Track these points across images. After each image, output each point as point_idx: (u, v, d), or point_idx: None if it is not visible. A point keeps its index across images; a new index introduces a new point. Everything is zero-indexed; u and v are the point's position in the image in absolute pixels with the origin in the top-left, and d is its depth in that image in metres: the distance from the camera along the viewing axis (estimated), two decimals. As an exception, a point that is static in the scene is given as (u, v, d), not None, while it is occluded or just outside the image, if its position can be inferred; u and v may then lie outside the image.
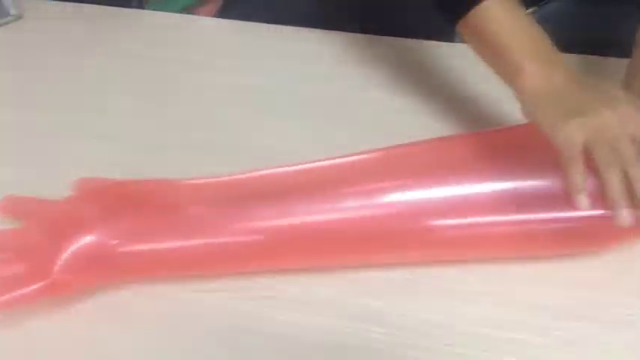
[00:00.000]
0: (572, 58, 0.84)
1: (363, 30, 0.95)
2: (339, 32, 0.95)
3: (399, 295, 0.59)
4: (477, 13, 0.67)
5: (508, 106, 0.70)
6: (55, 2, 1.04)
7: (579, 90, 0.60)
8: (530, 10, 0.93)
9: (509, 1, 0.67)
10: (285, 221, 0.60)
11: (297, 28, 0.95)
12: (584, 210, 0.55)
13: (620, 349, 0.56)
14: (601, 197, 0.55)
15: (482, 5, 0.67)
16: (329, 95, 0.84)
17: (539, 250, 0.62)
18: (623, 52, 0.73)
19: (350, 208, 0.61)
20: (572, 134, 0.56)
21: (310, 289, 0.60)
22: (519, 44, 0.64)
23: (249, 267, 0.61)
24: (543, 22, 0.67)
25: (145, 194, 0.65)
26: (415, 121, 0.78)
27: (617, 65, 0.73)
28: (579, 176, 0.55)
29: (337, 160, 0.65)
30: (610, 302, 0.59)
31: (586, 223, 0.59)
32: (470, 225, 0.60)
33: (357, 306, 0.58)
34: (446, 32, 0.85)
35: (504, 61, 0.65)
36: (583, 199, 0.55)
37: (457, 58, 0.86)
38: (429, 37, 0.93)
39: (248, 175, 0.66)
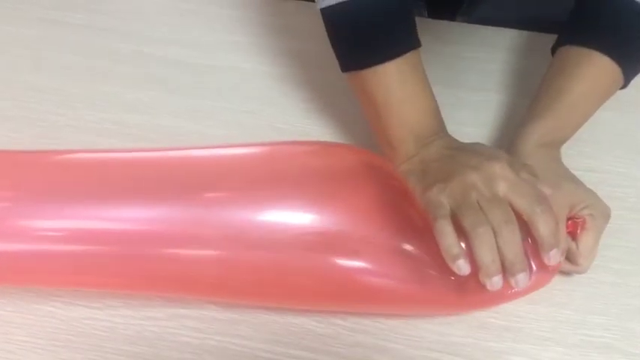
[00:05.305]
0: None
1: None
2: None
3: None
4: (369, 74, 0.62)
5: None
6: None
7: (449, 160, 0.58)
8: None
9: (408, 62, 0.62)
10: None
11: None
12: (465, 274, 0.51)
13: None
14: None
15: (378, 67, 0.61)
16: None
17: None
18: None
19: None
20: (434, 197, 0.54)
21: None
22: (400, 120, 0.61)
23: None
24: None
25: None
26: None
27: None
28: (449, 239, 0.52)
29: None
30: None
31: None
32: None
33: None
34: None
35: (382, 133, 0.63)
36: (462, 265, 0.51)
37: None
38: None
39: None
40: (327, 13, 0.63)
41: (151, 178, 0.59)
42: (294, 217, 0.57)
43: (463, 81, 0.79)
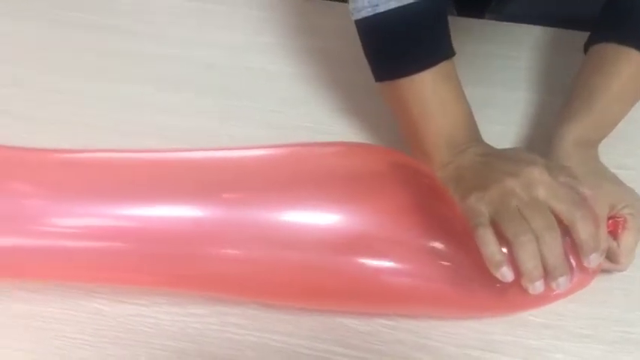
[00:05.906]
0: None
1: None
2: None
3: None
4: (405, 83, 0.63)
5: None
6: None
7: (483, 167, 0.58)
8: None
9: (443, 71, 0.63)
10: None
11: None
12: (508, 281, 0.52)
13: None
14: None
15: (414, 76, 0.62)
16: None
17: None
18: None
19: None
20: (473, 205, 0.54)
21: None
22: (436, 128, 0.62)
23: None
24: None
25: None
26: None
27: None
28: (491, 247, 0.52)
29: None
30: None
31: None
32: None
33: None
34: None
35: (417, 141, 0.63)
36: (506, 272, 0.52)
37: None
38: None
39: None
40: (363, 25, 0.64)
41: (178, 178, 0.59)
42: (321, 219, 0.57)
43: (492, 79, 0.79)
